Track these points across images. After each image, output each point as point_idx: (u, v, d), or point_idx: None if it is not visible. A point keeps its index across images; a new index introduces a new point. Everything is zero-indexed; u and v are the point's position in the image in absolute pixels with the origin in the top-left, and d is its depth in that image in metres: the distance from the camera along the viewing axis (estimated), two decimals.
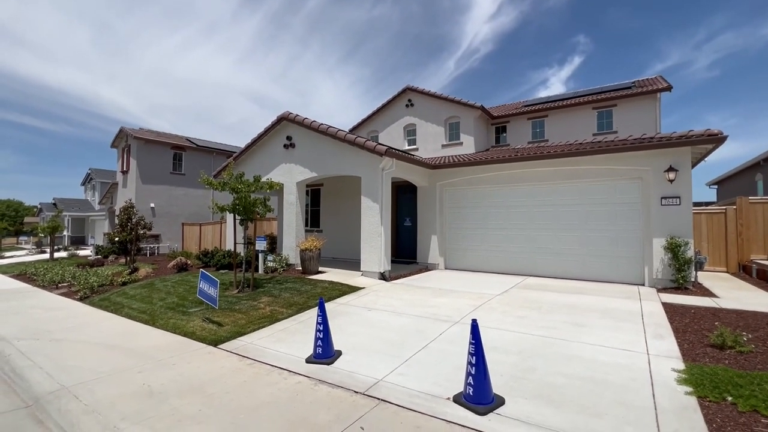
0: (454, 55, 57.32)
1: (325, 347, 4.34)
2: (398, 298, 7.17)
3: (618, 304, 6.54)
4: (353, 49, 59.42)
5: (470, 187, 10.90)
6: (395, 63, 61.32)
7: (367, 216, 9.33)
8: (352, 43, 58.76)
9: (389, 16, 52.22)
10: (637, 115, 14.19)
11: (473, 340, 3.28)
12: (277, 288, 8.11)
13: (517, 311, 6.12)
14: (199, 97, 77.81)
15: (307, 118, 10.39)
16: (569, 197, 9.44)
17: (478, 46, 56.66)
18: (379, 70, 67.50)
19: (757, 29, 47.36)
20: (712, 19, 45.79)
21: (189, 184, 21.89)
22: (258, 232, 16.34)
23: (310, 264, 9.57)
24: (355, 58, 63.47)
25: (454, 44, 56.63)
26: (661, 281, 8.05)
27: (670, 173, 7.90)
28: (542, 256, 9.75)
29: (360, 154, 9.45)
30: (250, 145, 11.75)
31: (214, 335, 5.37)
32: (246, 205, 7.88)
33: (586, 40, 50.03)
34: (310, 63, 71.63)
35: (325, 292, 7.60)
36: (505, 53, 53.33)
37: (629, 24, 45.11)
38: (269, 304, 6.89)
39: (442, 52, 57.59)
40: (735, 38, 47.58)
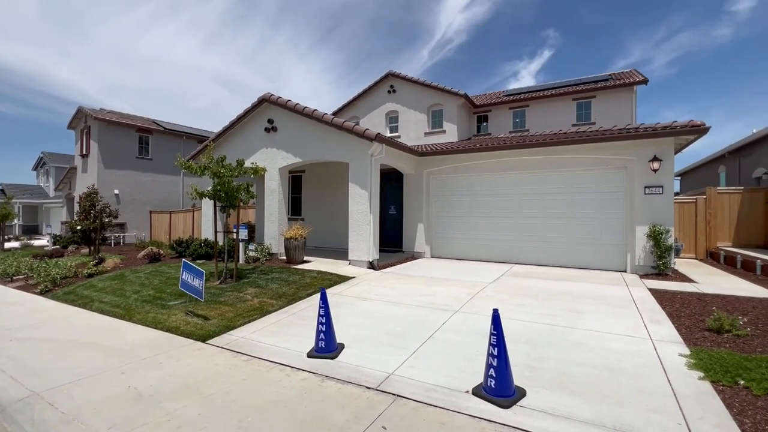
0: (429, 44, 57.02)
1: (328, 341, 4.10)
2: (391, 288, 7.00)
3: (608, 291, 6.66)
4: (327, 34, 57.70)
5: (457, 175, 10.81)
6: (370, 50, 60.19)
7: (356, 203, 9.04)
8: (326, 26, 56.98)
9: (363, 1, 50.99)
10: (615, 106, 14.56)
11: (495, 330, 3.14)
12: (262, 278, 7.72)
13: (513, 299, 6.09)
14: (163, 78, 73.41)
15: (290, 100, 9.87)
16: (555, 186, 9.54)
17: (452, 36, 56.62)
18: (353, 56, 66.10)
19: (711, 30, 50.03)
20: (672, 18, 47.97)
21: (157, 170, 20.63)
22: (235, 220, 15.67)
23: (295, 253, 9.20)
24: (329, 42, 61.70)
25: (428, 33, 56.30)
26: (642, 268, 8.31)
27: (654, 163, 8.09)
28: (528, 243, 9.85)
29: (348, 139, 9.10)
30: (228, 128, 11.08)
31: (201, 330, 4.99)
32: (229, 191, 7.39)
33: (555, 34, 51.09)
34: (281, 46, 68.93)
35: (314, 282, 7.31)
36: (479, 44, 53.61)
37: (597, 20, 46.53)
38: (257, 296, 6.52)
39: (416, 40, 57.15)
40: (691, 38, 50.24)
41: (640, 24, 50.05)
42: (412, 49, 60.72)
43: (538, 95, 16.00)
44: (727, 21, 49.61)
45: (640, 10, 50.17)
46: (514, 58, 52.63)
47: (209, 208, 11.33)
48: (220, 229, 9.55)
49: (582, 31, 47.05)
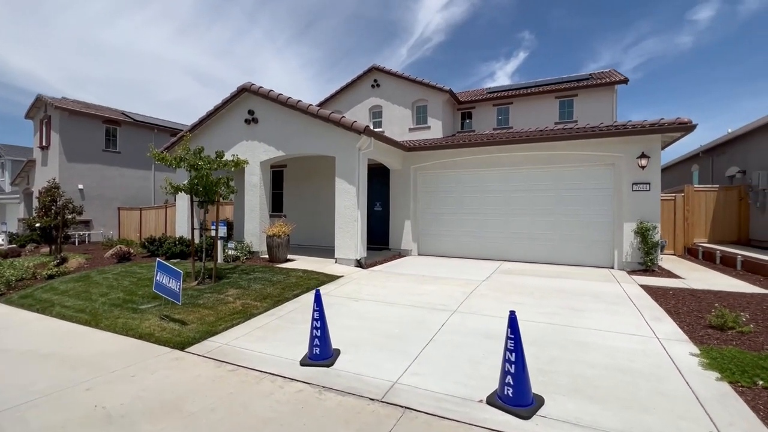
0: (408, 42, 56.95)
1: (323, 346, 3.75)
2: (383, 287, 6.69)
3: (601, 287, 6.61)
4: (305, 29, 56.50)
5: (445, 171, 10.61)
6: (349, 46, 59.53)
7: (343, 199, 8.67)
8: (304, 21, 55.79)
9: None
10: (596, 105, 14.77)
11: (512, 334, 2.89)
12: (244, 278, 7.25)
13: (509, 297, 5.92)
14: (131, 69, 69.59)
15: (272, 90, 9.37)
16: (544, 182, 9.48)
17: (430, 35, 56.81)
18: (332, 53, 65.18)
19: (674, 37, 52.52)
20: (639, 24, 50.06)
21: (126, 164, 19.46)
22: (213, 217, 14.96)
23: (278, 251, 8.74)
24: (307, 38, 60.51)
25: (407, 31, 56.22)
26: (629, 264, 8.36)
27: (642, 160, 8.14)
28: (517, 240, 9.77)
29: (335, 132, 8.70)
30: (205, 119, 10.44)
31: (178, 336, 4.52)
32: (207, 185, 6.86)
33: (531, 36, 52.21)
34: (258, 40, 66.99)
35: (301, 282, 6.91)
36: (457, 44, 54.04)
37: (569, 23, 47.92)
38: (239, 297, 6.07)
39: (395, 38, 56.95)
40: (656, 44, 52.66)
41: (609, 29, 51.96)
42: (391, 46, 60.45)
43: (522, 93, 16.05)
44: (689, 29, 52.29)
45: (610, 15, 52.19)
46: (491, 58, 53.42)
47: (185, 204, 10.67)
48: (197, 226, 8.97)
49: (555, 33, 48.41)
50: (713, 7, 48.40)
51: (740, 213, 11.12)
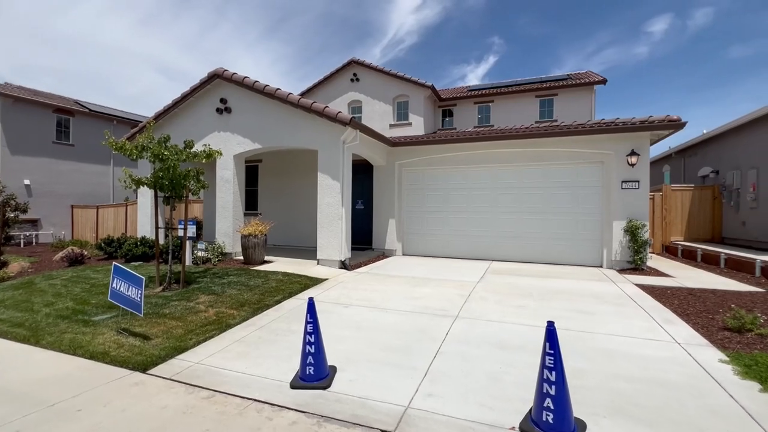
0: (381, 42, 56.64)
1: (318, 365, 3.18)
2: (373, 290, 6.16)
3: (599, 288, 6.38)
4: (277, 24, 54.88)
5: (431, 168, 10.21)
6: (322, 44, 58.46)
7: (326, 196, 8.06)
8: (275, 17, 54.21)
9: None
10: (576, 104, 14.89)
11: (551, 349, 2.45)
12: (216, 283, 6.50)
13: (510, 300, 5.55)
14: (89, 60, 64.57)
15: (247, 77, 8.60)
16: (533, 180, 9.27)
17: (403, 37, 56.89)
18: (304, 50, 63.81)
19: (632, 47, 55.46)
20: (599, 35, 52.68)
21: (80, 158, 17.82)
22: (180, 215, 13.87)
23: (254, 252, 8.01)
24: (279, 34, 58.84)
25: (379, 32, 55.95)
26: (618, 263, 8.26)
27: (632, 157, 8.05)
28: (505, 240, 9.50)
29: (317, 123, 8.07)
30: (171, 107, 9.50)
31: (139, 355, 3.80)
32: (174, 178, 6.07)
33: (500, 41, 53.45)
34: (227, 34, 64.30)
35: (282, 287, 6.25)
36: (429, 46, 54.42)
37: (537, 30, 49.55)
38: (212, 305, 5.36)
39: (368, 38, 56.49)
40: (615, 54, 55.51)
41: (573, 38, 54.18)
42: (364, 46, 59.86)
43: (503, 91, 15.96)
44: (645, 40, 55.65)
45: (573, 25, 54.52)
46: (462, 61, 54.17)
47: (148, 201, 9.68)
48: (162, 224, 8.09)
49: (524, 40, 49.77)
50: (666, 21, 51.98)
51: (714, 212, 11.42)
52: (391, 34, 57.98)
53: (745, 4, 45.84)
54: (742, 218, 10.24)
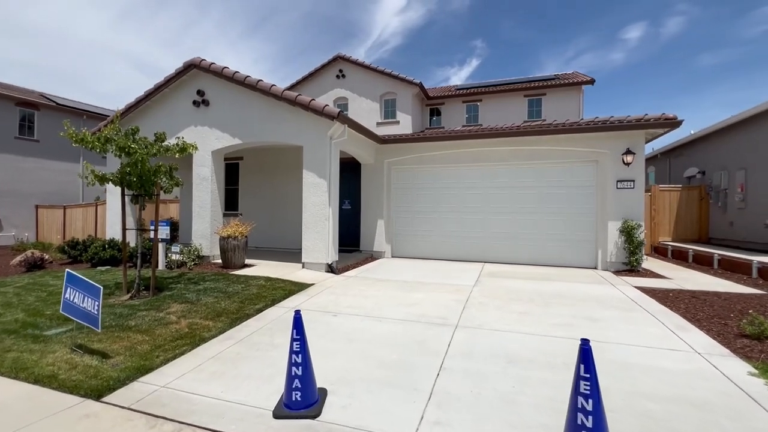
0: (365, 43, 56.33)
1: (306, 389, 2.72)
2: (364, 296, 5.71)
3: (599, 291, 6.12)
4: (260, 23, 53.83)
5: (421, 166, 9.83)
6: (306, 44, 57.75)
7: (311, 195, 7.56)
8: (259, 15, 53.14)
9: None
10: (564, 104, 14.81)
11: (586, 372, 2.07)
12: (191, 290, 5.93)
13: (510, 305, 5.20)
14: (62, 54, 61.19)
15: (226, 67, 8.03)
16: (526, 179, 9.01)
17: (387, 38, 56.83)
18: (287, 49, 62.92)
19: (608, 53, 57.12)
20: (578, 40, 54.17)
21: (46, 154, 16.71)
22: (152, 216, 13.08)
23: (234, 256, 7.44)
24: (262, 32, 57.77)
25: (364, 32, 55.69)
26: (614, 264, 8.07)
27: (628, 156, 7.87)
28: (497, 241, 9.21)
29: (303, 117, 7.58)
30: (143, 100, 8.81)
31: (95, 377, 3.25)
32: (143, 174, 5.48)
33: (483, 45, 54.12)
34: (209, 32, 62.52)
35: (264, 293, 5.74)
36: (413, 48, 54.57)
37: (518, 35, 50.44)
38: (185, 315, 4.81)
39: (352, 38, 56.08)
40: (592, 59, 57.18)
41: (553, 42, 55.35)
42: (349, 46, 59.35)
43: (491, 90, 15.77)
44: (621, 47, 57.50)
45: (553, 30, 55.85)
46: (446, 63, 54.45)
47: (116, 199, 8.95)
48: (132, 225, 7.44)
49: (505, 44, 50.46)
50: (640, 28, 53.86)
51: (701, 212, 11.45)
52: (375, 35, 57.71)
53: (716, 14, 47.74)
54: (730, 219, 10.27)
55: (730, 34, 50.25)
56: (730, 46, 52.86)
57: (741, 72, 60.67)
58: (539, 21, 53.31)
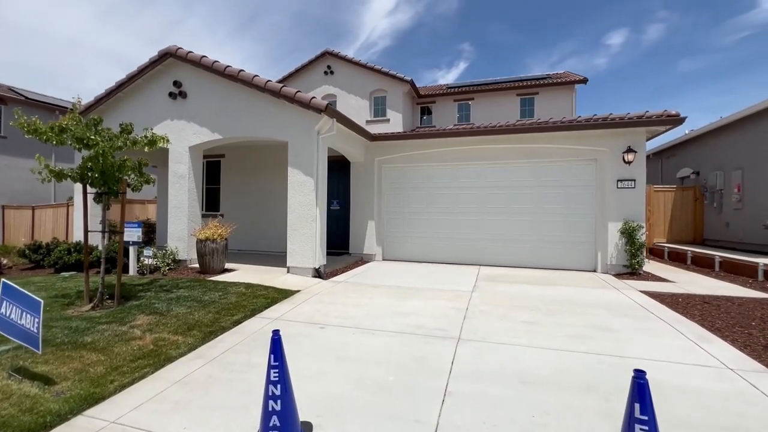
0: (354, 45, 55.99)
1: (286, 427, 2.22)
2: (354, 304, 5.22)
3: (606, 296, 5.76)
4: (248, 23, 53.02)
5: (414, 165, 9.39)
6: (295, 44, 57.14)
7: (297, 194, 7.03)
8: (247, 15, 52.34)
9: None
10: (556, 104, 14.58)
11: (643, 414, 1.63)
12: (162, 298, 5.34)
13: (515, 314, 4.77)
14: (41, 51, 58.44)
15: (205, 56, 7.45)
16: (523, 178, 8.65)
17: (376, 40, 56.75)
18: (276, 49, 62.16)
19: (591, 58, 58.26)
20: (562, 45, 55.16)
21: (15, 151, 15.71)
22: (128, 216, 12.33)
23: (212, 260, 6.86)
24: (251, 32, 56.95)
25: (352, 34, 55.43)
26: (614, 267, 7.75)
27: (629, 154, 7.57)
28: (493, 243, 8.82)
29: (288, 110, 7.05)
30: (113, 91, 8.15)
31: (30, 411, 2.68)
32: (106, 169, 4.88)
33: (470, 48, 54.56)
34: (196, 30, 61.04)
35: (243, 302, 5.19)
36: (401, 50, 54.62)
37: (505, 39, 51.08)
38: (151, 329, 4.23)
39: (341, 39, 55.69)
40: (577, 63, 58.26)
41: (538, 47, 56.17)
42: (337, 47, 58.70)
43: (483, 89, 15.47)
44: (604, 52, 58.84)
45: (538, 35, 56.72)
46: (434, 66, 54.60)
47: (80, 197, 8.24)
48: (97, 226, 6.79)
49: (492, 47, 50.92)
50: (623, 35, 55.04)
51: (696, 213, 11.30)
52: (364, 36, 57.42)
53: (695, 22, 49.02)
54: (726, 219, 10.11)
55: (708, 41, 51.74)
56: (708, 52, 54.39)
57: (720, 77, 62.44)
58: (525, 26, 54.03)
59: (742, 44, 48.43)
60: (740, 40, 48.03)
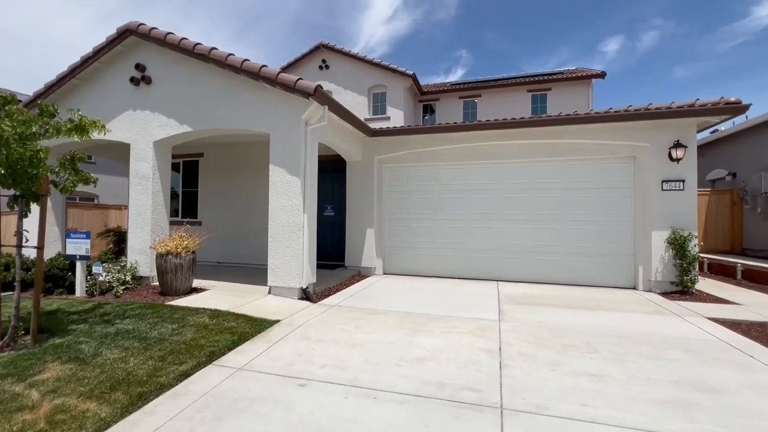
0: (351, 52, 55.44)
1: None
2: (349, 343, 3.94)
3: (674, 328, 4.50)
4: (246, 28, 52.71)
5: (420, 165, 8.16)
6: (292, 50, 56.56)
7: (281, 197, 5.78)
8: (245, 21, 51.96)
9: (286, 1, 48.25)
10: (571, 100, 13.45)
11: None
12: (95, 335, 4.05)
13: (568, 359, 3.51)
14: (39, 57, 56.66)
15: (171, 32, 6.23)
16: (547, 179, 7.44)
17: (374, 47, 56.44)
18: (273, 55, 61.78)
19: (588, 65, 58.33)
20: (559, 52, 55.25)
21: None
22: (97, 224, 11.05)
23: (176, 279, 5.57)
24: (249, 38, 56.59)
25: (350, 41, 55.03)
26: (660, 284, 6.52)
27: (677, 150, 6.37)
28: (512, 254, 7.58)
29: (269, 96, 5.83)
30: (66, 77, 6.90)
31: None
32: (13, 161, 3.61)
33: (467, 55, 54.31)
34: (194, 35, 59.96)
35: (201, 339, 3.90)
36: (399, 57, 54.27)
37: (502, 46, 50.97)
38: (57, 389, 2.95)
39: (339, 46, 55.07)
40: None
41: (533, 53, 56.09)
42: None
43: (491, 84, 14.34)
44: (599, 59, 58.67)
45: (535, 41, 56.70)
46: (432, 73, 54.14)
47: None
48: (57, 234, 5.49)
49: (489, 54, 50.50)
50: (618, 42, 55.68)
51: (733, 219, 10.11)
52: (362, 44, 56.94)
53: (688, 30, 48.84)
54: None
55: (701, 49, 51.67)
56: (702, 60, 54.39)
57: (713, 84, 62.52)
58: (521, 33, 53.94)
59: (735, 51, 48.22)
60: (733, 47, 47.80)
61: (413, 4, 52.31)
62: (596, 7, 43.51)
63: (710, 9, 46.00)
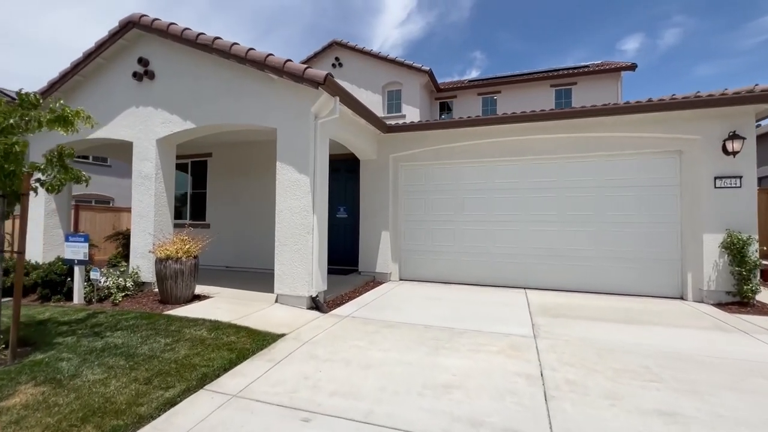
0: None
1: None
2: (363, 364, 3.40)
3: (746, 348, 3.81)
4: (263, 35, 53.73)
5: (438, 163, 7.61)
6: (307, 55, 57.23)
7: (288, 197, 5.32)
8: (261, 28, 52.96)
9: (301, 7, 48.64)
10: (598, 94, 12.63)
11: None
12: (82, 348, 3.64)
13: (628, 389, 2.89)
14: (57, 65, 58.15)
15: (174, 23, 5.87)
16: (579, 177, 6.78)
17: (388, 50, 56.34)
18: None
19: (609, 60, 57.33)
20: (576, 52, 54.20)
21: None
22: (105, 227, 10.88)
23: (176, 286, 5.16)
24: (265, 45, 57.53)
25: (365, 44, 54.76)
26: (712, 294, 5.77)
27: (733, 142, 5.63)
28: (541, 260, 6.93)
29: (276, 87, 5.39)
30: (69, 73, 6.65)
31: None
32: None
33: (482, 56, 53.73)
34: None
35: (195, 357, 3.43)
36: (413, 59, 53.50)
37: (515, 46, 50.21)
38: (21, 419, 2.52)
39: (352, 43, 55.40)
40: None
41: (549, 53, 54.90)
42: None
43: (512, 80, 13.66)
44: (619, 57, 57.19)
45: (551, 41, 55.55)
46: (446, 74, 53.77)
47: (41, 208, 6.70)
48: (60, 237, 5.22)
49: (503, 55, 49.66)
50: (637, 40, 54.45)
51: None
52: (376, 47, 57.01)
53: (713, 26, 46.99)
54: None
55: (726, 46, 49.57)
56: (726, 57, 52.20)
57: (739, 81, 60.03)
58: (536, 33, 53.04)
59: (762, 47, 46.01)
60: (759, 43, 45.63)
61: (427, 7, 52.02)
62: (613, 5, 42.20)
63: (735, 5, 44.09)
